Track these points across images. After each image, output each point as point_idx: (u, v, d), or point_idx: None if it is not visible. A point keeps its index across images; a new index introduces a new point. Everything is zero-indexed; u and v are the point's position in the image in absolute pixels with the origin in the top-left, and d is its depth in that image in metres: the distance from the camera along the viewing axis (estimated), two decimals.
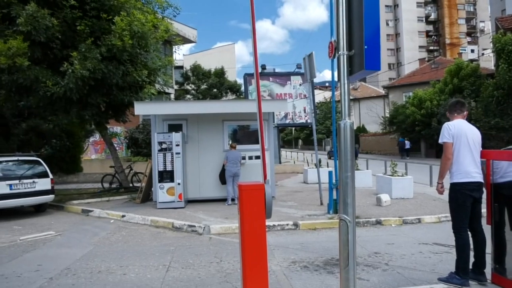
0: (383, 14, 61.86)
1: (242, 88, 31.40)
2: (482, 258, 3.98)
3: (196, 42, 29.33)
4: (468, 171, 3.92)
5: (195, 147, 10.12)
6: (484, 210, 4.03)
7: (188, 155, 10.00)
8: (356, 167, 12.89)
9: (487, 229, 4.03)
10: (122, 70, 10.21)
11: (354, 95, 47.98)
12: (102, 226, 7.90)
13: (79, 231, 7.49)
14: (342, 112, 2.87)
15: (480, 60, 41.65)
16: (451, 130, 4.00)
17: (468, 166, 3.92)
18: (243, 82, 26.46)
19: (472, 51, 59.05)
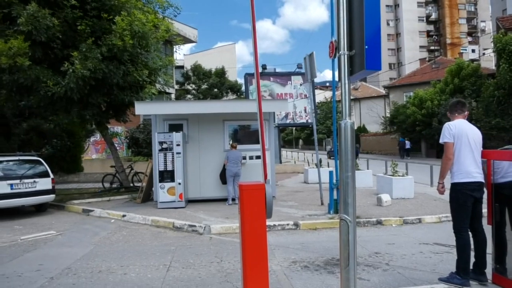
0: (383, 14, 61.82)
1: (243, 88, 31.41)
2: (482, 258, 3.98)
3: (197, 42, 29.36)
4: (469, 171, 3.92)
5: (195, 147, 10.12)
6: (485, 210, 4.03)
7: (189, 155, 10.00)
8: (357, 167, 12.89)
9: (487, 229, 4.03)
10: (123, 70, 10.22)
11: (355, 95, 47.97)
12: (102, 226, 7.91)
13: (80, 231, 7.50)
14: (343, 112, 2.87)
15: (481, 60, 41.60)
16: (452, 130, 4.00)
17: (469, 166, 3.92)
18: (243, 82, 26.47)
19: (473, 51, 59.06)
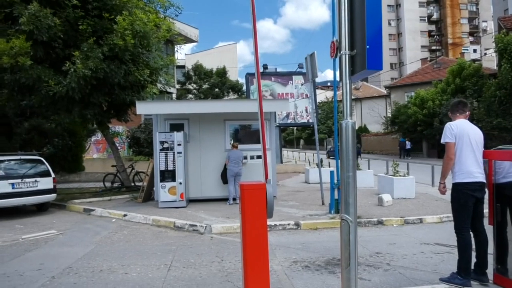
0: (385, 14, 61.75)
1: (244, 88, 31.41)
2: (484, 259, 3.98)
3: (198, 42, 29.39)
4: (470, 171, 3.91)
5: (196, 146, 10.13)
6: (486, 210, 4.02)
7: (190, 154, 10.01)
8: (358, 167, 12.88)
9: (489, 229, 4.03)
10: (124, 69, 10.22)
11: (356, 95, 47.93)
12: (103, 225, 7.91)
13: (81, 230, 7.51)
14: (344, 112, 2.87)
15: (482, 60, 41.56)
16: (453, 130, 3.99)
17: (471, 166, 3.91)
18: (244, 82, 26.46)
19: (475, 51, 58.96)
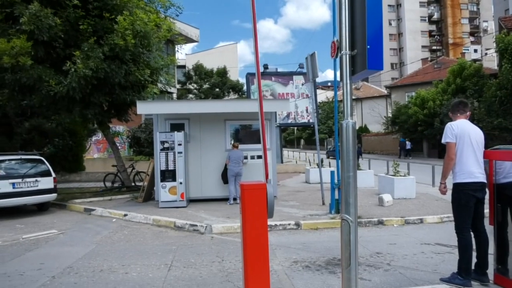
0: (385, 14, 61.73)
1: (244, 88, 31.41)
2: (484, 259, 3.97)
3: (199, 42, 29.40)
4: (471, 171, 3.90)
5: (197, 146, 10.13)
6: (486, 211, 4.02)
7: (190, 154, 10.01)
8: (358, 168, 12.87)
9: (489, 229, 4.02)
10: (125, 69, 10.23)
11: (357, 95, 47.91)
12: (104, 225, 7.91)
13: (81, 230, 7.51)
14: (345, 112, 2.86)
15: (483, 60, 41.54)
16: (454, 130, 3.99)
17: (471, 166, 3.91)
18: (245, 82, 26.46)
19: (475, 51, 58.87)
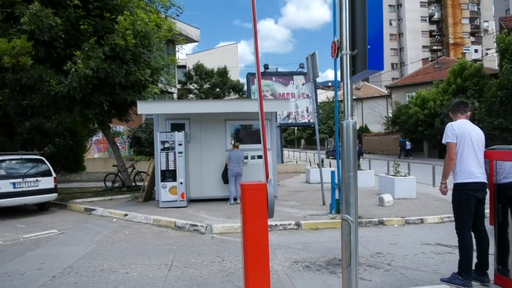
0: (386, 14, 61.72)
1: (245, 88, 31.40)
2: (485, 259, 3.97)
3: (199, 42, 29.40)
4: (471, 171, 3.90)
5: (197, 146, 10.13)
6: (487, 211, 4.01)
7: (191, 154, 10.01)
8: (359, 167, 12.86)
9: (490, 229, 4.02)
10: (125, 69, 10.23)
11: (357, 95, 47.91)
12: (104, 225, 7.92)
13: (81, 230, 7.52)
14: (345, 112, 2.86)
15: (483, 60, 41.50)
16: (454, 130, 3.99)
17: (472, 166, 3.91)
18: (245, 82, 26.45)
19: (476, 51, 58.85)
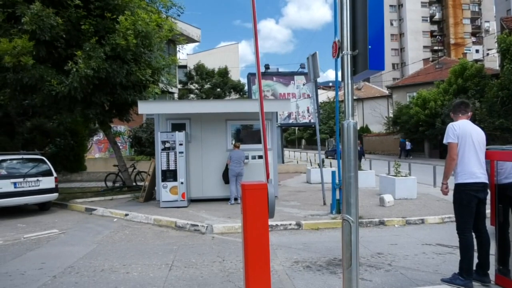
0: (387, 14, 61.67)
1: (246, 88, 31.41)
2: (486, 259, 3.97)
3: (200, 42, 29.40)
4: (473, 171, 3.90)
5: (198, 146, 10.13)
6: (488, 211, 4.01)
7: (191, 154, 10.01)
8: (360, 168, 12.85)
9: (491, 230, 4.01)
10: (126, 69, 10.24)
11: (358, 95, 47.87)
12: (105, 225, 7.93)
13: (82, 230, 7.52)
14: (346, 112, 2.86)
15: (484, 60, 41.44)
16: (456, 131, 3.98)
17: (473, 166, 3.90)
18: (246, 82, 26.46)
19: (477, 51, 58.76)
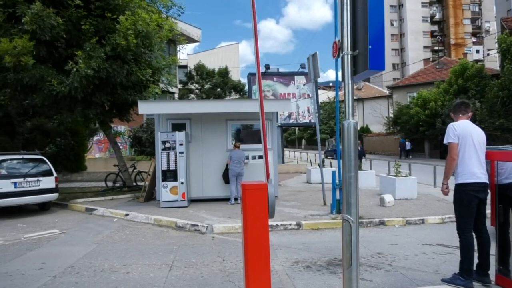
0: (387, 14, 61.64)
1: (246, 88, 31.41)
2: (486, 260, 3.97)
3: (200, 42, 29.44)
4: (473, 171, 3.90)
5: (198, 146, 10.13)
6: (488, 211, 4.01)
7: (192, 154, 10.01)
8: (360, 169, 12.85)
9: (491, 230, 4.01)
10: (127, 69, 10.24)
11: (358, 95, 47.86)
12: (105, 225, 7.93)
13: (82, 230, 7.53)
14: (346, 112, 2.86)
15: (485, 61, 41.45)
16: (456, 131, 3.98)
17: (474, 166, 3.90)
18: (246, 82, 26.47)
19: (477, 51, 58.75)
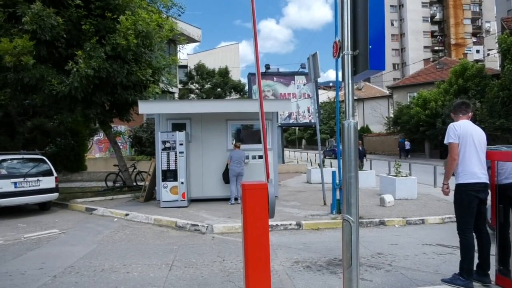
0: (388, 14, 61.62)
1: (246, 88, 31.41)
2: (486, 260, 3.97)
3: (201, 42, 29.45)
4: (474, 171, 3.89)
5: (198, 146, 10.13)
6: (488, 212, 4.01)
7: (192, 154, 10.01)
8: (361, 169, 12.84)
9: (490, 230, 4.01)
10: (127, 69, 10.25)
11: (358, 95, 47.85)
12: (105, 225, 7.93)
13: (82, 229, 7.53)
14: (346, 112, 2.86)
15: (485, 61, 41.46)
16: (456, 131, 3.98)
17: (474, 166, 3.90)
18: (247, 82, 26.48)
19: (478, 51, 58.73)
